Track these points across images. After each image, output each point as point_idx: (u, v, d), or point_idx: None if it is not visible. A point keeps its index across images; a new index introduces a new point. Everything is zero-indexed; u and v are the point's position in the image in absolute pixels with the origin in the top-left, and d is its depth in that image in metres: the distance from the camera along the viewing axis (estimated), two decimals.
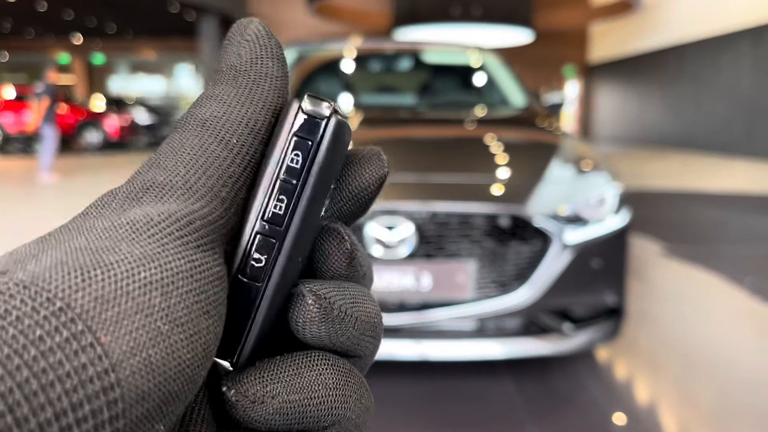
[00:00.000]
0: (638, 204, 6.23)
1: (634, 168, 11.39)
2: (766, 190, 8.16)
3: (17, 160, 12.26)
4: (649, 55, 19.01)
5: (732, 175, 10.20)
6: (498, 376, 2.24)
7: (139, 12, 18.43)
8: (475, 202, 2.02)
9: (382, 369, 2.25)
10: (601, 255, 2.10)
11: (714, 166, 11.74)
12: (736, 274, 3.65)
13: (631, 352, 2.53)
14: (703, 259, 4.02)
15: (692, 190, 8.13)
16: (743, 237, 5.05)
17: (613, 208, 2.14)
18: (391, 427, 1.91)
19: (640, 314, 2.91)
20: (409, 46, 4.03)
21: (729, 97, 14.80)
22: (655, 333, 2.73)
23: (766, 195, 7.75)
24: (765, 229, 5.38)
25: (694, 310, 3.07)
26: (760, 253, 4.38)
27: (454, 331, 2.08)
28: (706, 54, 15.85)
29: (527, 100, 3.24)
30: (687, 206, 6.76)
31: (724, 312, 3.02)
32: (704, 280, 3.55)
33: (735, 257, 4.25)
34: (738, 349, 2.61)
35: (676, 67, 17.42)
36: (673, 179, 9.49)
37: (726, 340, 2.69)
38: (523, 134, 2.77)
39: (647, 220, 5.23)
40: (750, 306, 3.09)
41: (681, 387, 2.28)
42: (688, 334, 2.73)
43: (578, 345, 2.12)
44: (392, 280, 1.96)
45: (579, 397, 2.17)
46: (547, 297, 2.03)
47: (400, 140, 2.58)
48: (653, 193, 7.80)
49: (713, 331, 2.80)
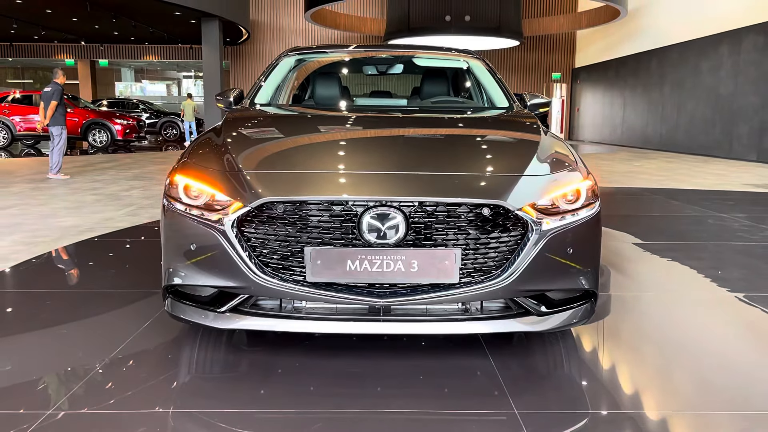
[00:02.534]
0: (621, 202, 6.76)
1: (617, 167, 11.91)
2: (744, 187, 8.71)
3: (25, 159, 12.79)
4: (632, 58, 19.52)
5: (713, 174, 10.70)
6: (482, 357, 2.46)
7: (143, 17, 18.93)
8: (461, 193, 2.20)
9: (375, 345, 2.56)
10: (575, 242, 2.29)
11: (696, 166, 12.24)
12: (712, 265, 4.13)
13: (610, 334, 2.83)
14: (682, 251, 4.49)
15: (673, 188, 8.67)
16: (718, 232, 5.54)
17: (586, 200, 2.36)
18: (382, 399, 2.12)
19: (620, 301, 3.26)
20: (399, 51, 4.38)
21: (710, 100, 15.34)
22: (634, 318, 3.05)
23: (743, 191, 8.31)
24: (740, 223, 5.91)
25: (671, 297, 3.43)
26: (734, 246, 4.89)
27: (440, 313, 2.29)
28: (687, 58, 16.39)
29: (510, 102, 3.51)
30: (667, 203, 7.30)
31: (698, 300, 3.36)
32: (681, 270, 3.97)
33: (712, 250, 4.72)
34: (708, 332, 2.99)
35: (658, 71, 17.94)
36: (654, 179, 10.02)
37: (698, 325, 3.08)
38: (505, 133, 3.00)
39: (629, 216, 5.67)
40: (719, 294, 3.54)
41: (657, 366, 2.62)
42: (664, 319, 3.05)
43: (555, 324, 2.33)
44: (384, 265, 2.15)
45: (558, 374, 2.41)
46: (526, 280, 2.22)
47: (391, 137, 2.79)
48: (635, 192, 8.32)
49: (688, 316, 3.17)
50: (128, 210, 6.21)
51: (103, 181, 8.75)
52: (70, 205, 6.48)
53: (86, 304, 3.19)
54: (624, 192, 8.08)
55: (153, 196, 7.20)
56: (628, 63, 19.87)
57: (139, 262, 4.12)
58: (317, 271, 2.15)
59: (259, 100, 3.54)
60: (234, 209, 2.20)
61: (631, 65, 19.62)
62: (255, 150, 2.61)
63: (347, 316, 2.26)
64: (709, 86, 15.35)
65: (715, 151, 14.91)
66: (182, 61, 27.55)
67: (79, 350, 2.56)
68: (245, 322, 2.28)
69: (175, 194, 2.36)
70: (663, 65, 17.64)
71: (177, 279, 2.34)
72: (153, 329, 2.79)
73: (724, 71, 14.79)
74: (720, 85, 14.92)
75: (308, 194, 2.17)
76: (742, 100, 14.08)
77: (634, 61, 19.40)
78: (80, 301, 3.25)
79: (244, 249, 2.19)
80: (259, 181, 2.25)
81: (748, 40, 13.86)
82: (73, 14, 18.34)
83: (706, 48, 15.51)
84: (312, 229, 2.16)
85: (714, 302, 3.33)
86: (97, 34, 23.30)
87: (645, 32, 18.78)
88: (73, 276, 3.91)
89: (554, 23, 22.26)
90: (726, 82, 14.69)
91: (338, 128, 3.03)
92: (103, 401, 2.09)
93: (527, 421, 1.99)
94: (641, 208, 6.76)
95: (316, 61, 4.25)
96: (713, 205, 6.88)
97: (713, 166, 12.23)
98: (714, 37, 15.14)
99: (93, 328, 2.85)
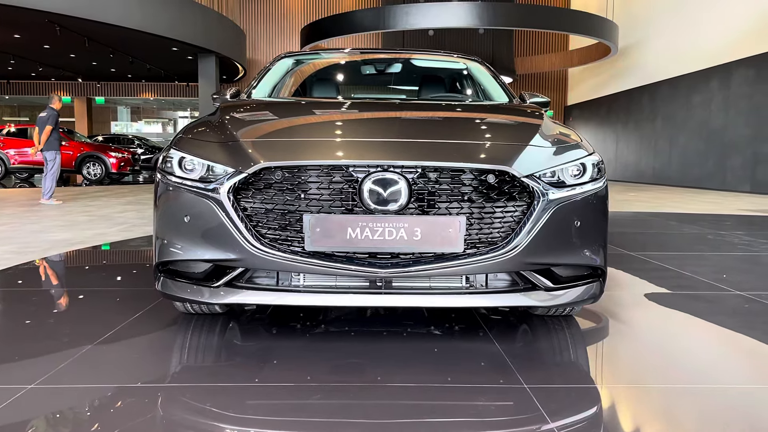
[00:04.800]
0: (618, 223, 6.73)
1: (612, 196, 11.89)
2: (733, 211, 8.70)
3: (18, 189, 12.71)
4: (624, 94, 19.77)
5: (708, 202, 10.71)
6: (485, 341, 2.38)
7: (141, 53, 19.11)
8: (466, 159, 2.12)
9: (375, 330, 2.48)
10: (582, 216, 2.21)
11: (690, 196, 12.27)
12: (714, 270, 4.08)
13: (612, 315, 2.76)
14: (682, 260, 4.46)
15: (670, 212, 8.65)
16: (718, 245, 5.51)
17: (592, 175, 2.30)
18: (391, 376, 2.02)
19: (621, 306, 3.26)
20: (397, 54, 4.30)
21: (702, 133, 15.48)
22: (636, 319, 2.94)
23: (732, 214, 8.29)
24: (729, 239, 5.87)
25: (669, 304, 3.36)
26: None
27: (445, 286, 2.20)
28: (678, 92, 16.61)
29: (510, 99, 3.45)
30: (664, 224, 7.26)
31: (695, 306, 3.30)
32: (679, 283, 3.96)
33: (713, 259, 4.69)
34: (708, 316, 3.07)
35: (650, 106, 18.16)
36: (650, 205, 10.01)
37: (699, 310, 3.14)
38: (508, 116, 2.91)
39: (624, 233, 5.65)
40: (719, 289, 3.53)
41: (655, 345, 2.65)
42: (663, 317, 2.98)
43: (564, 301, 2.25)
44: (386, 233, 2.06)
45: (563, 356, 2.32)
46: (533, 253, 2.13)
47: (392, 114, 2.71)
48: (631, 215, 8.30)
49: (682, 314, 3.17)
50: (121, 227, 6.12)
51: (96, 205, 8.66)
52: (62, 224, 6.38)
53: (74, 300, 3.08)
54: (621, 215, 8.04)
55: (147, 217, 7.10)
56: (619, 99, 20.11)
57: (132, 268, 4.02)
58: (316, 239, 2.06)
59: (256, 96, 3.49)
60: (230, 177, 2.12)
61: (623, 101, 19.86)
62: (253, 124, 2.55)
63: (346, 290, 2.17)
64: (701, 120, 15.51)
65: (709, 183, 14.98)
66: (178, 99, 27.75)
67: (66, 337, 2.45)
68: (241, 297, 2.19)
69: (169, 168, 2.29)
70: (654, 100, 17.87)
71: (169, 255, 2.24)
72: (142, 320, 2.68)
73: (715, 105, 14.96)
74: (711, 118, 15.08)
75: (307, 159, 2.10)
76: (733, 132, 14.21)
77: (626, 98, 19.65)
78: (68, 297, 3.14)
79: (240, 219, 2.11)
80: (256, 148, 2.18)
81: (738, 73, 14.07)
82: (71, 50, 18.49)
83: (696, 82, 15.73)
84: (311, 196, 2.09)
85: (713, 296, 3.26)
86: (95, 71, 23.48)
87: (636, 69, 19.07)
88: (62, 277, 3.80)
89: (546, 61, 22.62)
90: (717, 115, 14.85)
91: (340, 108, 2.94)
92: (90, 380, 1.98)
93: (538, 395, 1.89)
94: (639, 226, 6.71)
95: (312, 63, 4.20)
96: (711, 225, 6.85)
97: (707, 196, 12.25)
98: (704, 72, 15.37)
99: (80, 319, 2.74)
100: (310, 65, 4.18)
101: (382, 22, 16.58)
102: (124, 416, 1.71)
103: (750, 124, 13.63)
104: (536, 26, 16.87)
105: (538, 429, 1.67)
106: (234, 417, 1.71)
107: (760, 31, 13.40)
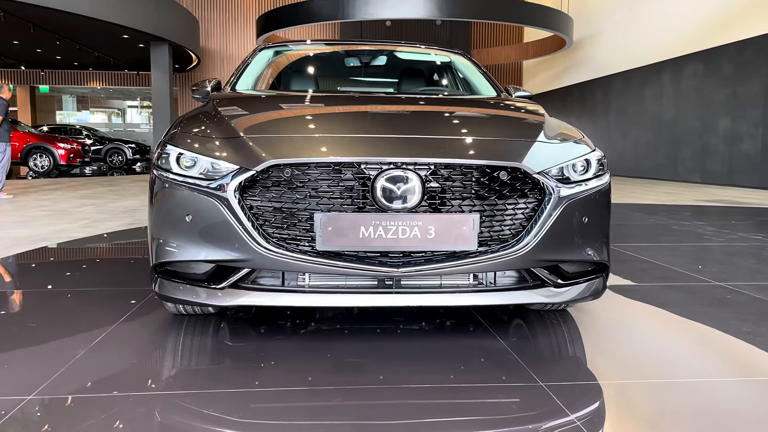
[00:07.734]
0: None
1: None
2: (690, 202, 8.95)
3: None
4: (578, 87, 20.14)
5: (665, 193, 11.00)
6: (490, 338, 2.38)
7: (89, 40, 18.43)
8: (478, 156, 2.11)
9: (377, 330, 2.45)
10: (589, 212, 2.24)
11: (646, 187, 12.59)
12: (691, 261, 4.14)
13: (614, 309, 2.88)
14: (657, 251, 4.52)
15: (631, 203, 8.84)
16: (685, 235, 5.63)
17: (596, 171, 2.32)
18: (398, 375, 2.00)
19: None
20: (384, 46, 4.19)
21: (653, 126, 15.91)
22: (632, 311, 3.01)
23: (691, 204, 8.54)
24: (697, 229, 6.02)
25: (660, 295, 3.49)
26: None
27: (453, 284, 2.18)
28: (630, 86, 17.02)
29: (498, 92, 3.41)
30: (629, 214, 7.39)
31: (678, 297, 3.42)
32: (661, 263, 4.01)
33: (683, 250, 4.76)
34: (698, 307, 3.13)
35: (603, 99, 18.55)
36: None
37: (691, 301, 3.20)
38: (510, 111, 2.90)
39: None
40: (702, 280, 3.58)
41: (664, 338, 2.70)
42: (656, 309, 3.09)
43: (570, 297, 2.26)
44: (399, 231, 2.03)
45: (572, 352, 2.34)
46: (543, 250, 2.13)
47: (399, 109, 2.68)
48: None
49: (682, 298, 3.28)
50: (83, 223, 5.88)
51: (51, 199, 8.32)
52: (18, 219, 6.09)
53: (57, 301, 2.94)
54: None
55: (108, 212, 6.86)
56: (573, 92, 20.48)
57: (108, 264, 3.86)
58: (328, 238, 2.01)
59: (240, 88, 3.38)
60: (237, 175, 2.04)
61: (577, 94, 20.23)
62: (256, 118, 2.46)
63: (355, 290, 2.12)
64: (653, 113, 15.94)
65: (660, 174, 15.42)
66: (127, 87, 26.91)
67: (56, 341, 2.33)
68: (246, 299, 2.11)
69: (165, 165, 2.19)
70: (607, 94, 18.26)
71: (168, 255, 2.14)
72: (133, 320, 2.57)
73: (666, 98, 15.40)
74: (663, 111, 15.51)
75: (318, 156, 2.04)
76: (684, 125, 14.66)
77: (579, 90, 20.02)
78: (51, 298, 2.99)
79: (247, 218, 2.03)
80: (264, 145, 2.10)
81: (688, 68, 14.50)
82: (14, 36, 17.68)
83: (648, 76, 16.14)
84: (322, 195, 2.03)
85: (694, 287, 3.34)
86: (39, 59, 22.51)
87: (589, 62, 19.45)
88: (38, 276, 3.62)
89: (502, 53, 22.83)
90: (668, 109, 15.28)
91: (342, 102, 2.87)
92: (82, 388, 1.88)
93: (555, 391, 1.89)
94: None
95: (295, 54, 4.06)
96: (672, 216, 7.04)
97: (662, 187, 12.61)
98: (655, 66, 15.79)
99: (68, 322, 2.61)
100: (294, 56, 4.06)
101: (341, 12, 16.41)
102: (131, 425, 1.63)
103: (699, 118, 14.08)
104: (493, 18, 16.98)
105: (558, 423, 1.67)
106: (240, 422, 1.65)
107: (709, 26, 13.83)
